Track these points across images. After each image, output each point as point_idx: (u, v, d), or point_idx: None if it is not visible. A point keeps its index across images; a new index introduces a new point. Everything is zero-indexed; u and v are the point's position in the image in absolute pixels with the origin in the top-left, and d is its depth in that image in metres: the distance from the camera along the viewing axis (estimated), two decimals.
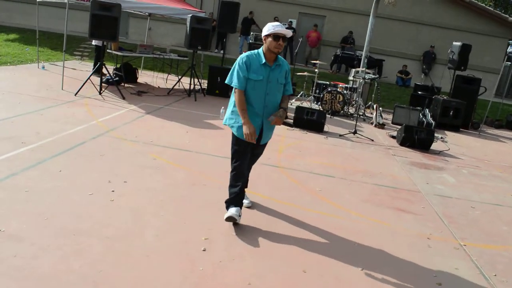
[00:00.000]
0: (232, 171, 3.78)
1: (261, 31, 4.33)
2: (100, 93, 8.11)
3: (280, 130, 7.40)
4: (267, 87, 3.64)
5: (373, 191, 5.27)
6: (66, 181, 4.11)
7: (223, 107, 8.01)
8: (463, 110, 10.51)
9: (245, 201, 4.07)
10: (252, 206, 4.22)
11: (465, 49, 10.38)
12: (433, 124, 10.04)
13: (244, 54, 3.67)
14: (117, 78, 9.24)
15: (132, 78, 10.13)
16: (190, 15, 9.02)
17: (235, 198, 3.76)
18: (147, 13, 10.92)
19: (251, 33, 10.43)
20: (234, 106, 3.69)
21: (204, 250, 3.27)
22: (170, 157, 5.29)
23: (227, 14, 9.78)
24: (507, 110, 14.14)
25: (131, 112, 7.29)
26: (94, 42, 9.96)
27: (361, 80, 10.36)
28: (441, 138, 9.20)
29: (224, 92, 10.09)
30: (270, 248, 3.48)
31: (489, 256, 4.01)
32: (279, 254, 3.40)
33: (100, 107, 7.26)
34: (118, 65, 9.74)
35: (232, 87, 3.70)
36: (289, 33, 3.62)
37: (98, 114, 6.77)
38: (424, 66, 16.72)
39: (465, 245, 4.16)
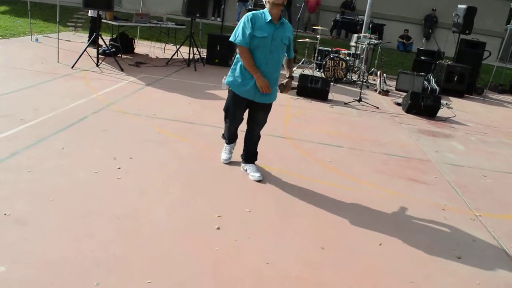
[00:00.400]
0: (225, 123, 4.20)
1: None
2: (97, 65, 7.85)
3: (283, 99, 7.21)
4: (271, 44, 3.71)
5: (383, 161, 5.15)
6: (69, 159, 3.96)
7: (224, 76, 7.77)
8: (468, 75, 10.29)
9: (255, 174, 4.09)
10: (263, 179, 4.10)
11: (470, 12, 10.07)
12: (438, 90, 9.87)
13: (249, 13, 3.72)
14: (113, 49, 8.95)
15: (130, 49, 9.83)
16: None
17: (228, 141, 4.32)
18: None
19: None
20: (234, 64, 3.86)
21: (218, 229, 3.16)
22: (175, 130, 5.13)
23: None
24: (511, 75, 13.92)
25: (130, 84, 7.07)
26: (90, 13, 9.57)
27: (364, 46, 10.09)
28: (446, 104, 9.02)
29: (224, 60, 9.82)
30: (284, 224, 3.38)
31: (506, 226, 3.93)
32: (295, 230, 3.30)
33: (98, 80, 7.03)
34: (114, 36, 9.43)
35: (232, 55, 3.61)
36: None
37: (97, 87, 6.55)
38: (430, 30, 16.31)
39: (480, 215, 4.07)
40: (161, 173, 3.94)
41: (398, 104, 8.46)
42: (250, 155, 4.24)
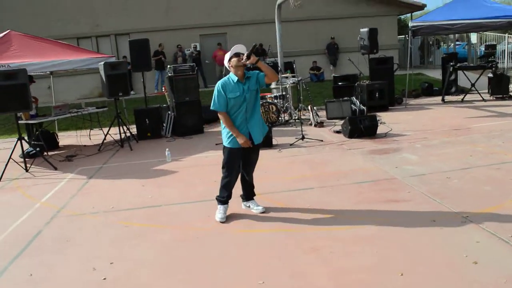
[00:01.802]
0: (223, 179, 4.50)
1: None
2: (27, 170, 7.22)
3: None
4: (245, 97, 4.26)
5: (356, 191, 5.17)
6: (44, 285, 3.47)
7: (167, 149, 7.53)
8: (386, 90, 10.96)
9: (259, 208, 4.69)
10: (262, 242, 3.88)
11: (373, 33, 10.87)
12: (365, 109, 10.33)
13: (218, 82, 4.31)
14: (38, 149, 8.32)
15: (54, 144, 9.23)
16: (101, 62, 8.41)
17: (224, 200, 4.54)
18: (48, 72, 10.01)
19: (168, 66, 9.98)
20: (222, 126, 4.39)
21: None
22: (143, 219, 4.76)
23: (138, 53, 9.30)
24: (418, 79, 15.10)
25: (71, 181, 6.55)
26: None
27: (288, 85, 10.39)
28: (378, 120, 9.45)
29: (156, 132, 9.57)
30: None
31: (493, 219, 4.06)
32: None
33: (35, 186, 6.43)
34: (36, 135, 8.81)
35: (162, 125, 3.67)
36: (242, 47, 4.30)
37: (37, 195, 5.97)
38: (335, 57, 17.31)
39: (467, 216, 4.17)
40: (153, 271, 3.58)
41: (337, 132, 8.69)
42: (249, 193, 4.76)
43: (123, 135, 8.87)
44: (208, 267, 3.55)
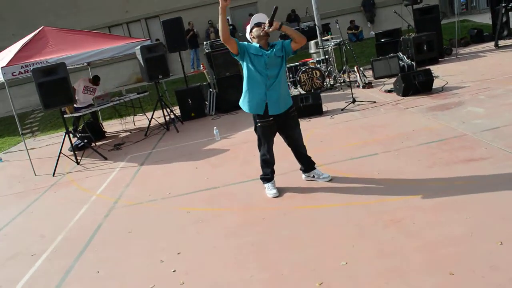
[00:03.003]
0: (261, 156, 4.31)
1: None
2: (78, 163, 7.21)
3: None
4: (267, 60, 3.91)
5: (427, 152, 4.74)
6: (113, 282, 3.34)
7: (215, 127, 7.30)
8: (435, 41, 10.22)
9: (325, 175, 4.45)
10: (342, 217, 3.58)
11: None
12: (414, 64, 9.70)
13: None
14: (86, 141, 8.32)
15: (101, 135, 9.22)
16: (138, 47, 8.21)
17: (269, 177, 4.36)
18: (85, 63, 9.96)
19: (204, 42, 9.66)
20: (245, 87, 4.05)
21: None
22: (203, 203, 4.57)
23: (172, 33, 9.02)
24: (465, 27, 14.09)
25: (123, 170, 6.47)
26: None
27: (330, 48, 9.88)
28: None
29: (200, 112, 9.37)
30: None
31: None
32: (402, 271, 2.79)
33: (88, 179, 6.39)
34: (81, 127, 8.82)
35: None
36: (262, 16, 4.01)
37: (92, 187, 5.92)
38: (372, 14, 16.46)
39: None
40: (224, 259, 3.36)
41: (389, 91, 8.18)
42: (308, 163, 4.48)
43: (167, 118, 8.72)
44: (282, 251, 3.30)
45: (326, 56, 9.94)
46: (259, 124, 4.13)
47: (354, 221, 3.53)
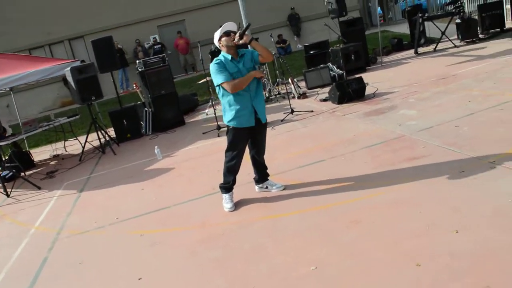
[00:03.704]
0: (227, 162, 4.24)
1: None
2: (8, 196, 6.66)
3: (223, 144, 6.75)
4: (243, 75, 3.97)
5: (371, 155, 4.93)
6: None
7: (156, 146, 7.10)
8: (361, 51, 10.75)
9: (278, 184, 4.52)
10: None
11: None
12: (344, 73, 10.11)
13: (215, 60, 3.97)
14: (14, 171, 7.73)
15: (29, 163, 8.61)
16: (67, 68, 7.82)
17: (229, 186, 4.31)
18: (7, 88, 9.30)
19: (138, 61, 9.41)
20: (228, 106, 4.08)
21: None
22: (156, 225, 4.39)
23: (103, 53, 8.71)
24: (386, 36, 14.99)
25: (62, 198, 6.07)
26: None
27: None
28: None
29: (136, 132, 9.07)
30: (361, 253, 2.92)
31: None
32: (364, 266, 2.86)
33: (22, 211, 5.91)
34: (7, 156, 8.19)
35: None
36: (232, 25, 4.05)
37: (29, 219, 5.48)
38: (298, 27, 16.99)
39: (494, 161, 4.01)
40: (193, 279, 3.23)
41: (324, 100, 8.45)
42: (264, 174, 4.56)
43: (102, 140, 8.35)
44: (248, 264, 3.24)
45: (261, 70, 10.07)
46: (236, 131, 4.15)
47: (315, 226, 3.57)
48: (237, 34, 3.92)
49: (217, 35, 4.05)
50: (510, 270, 2.49)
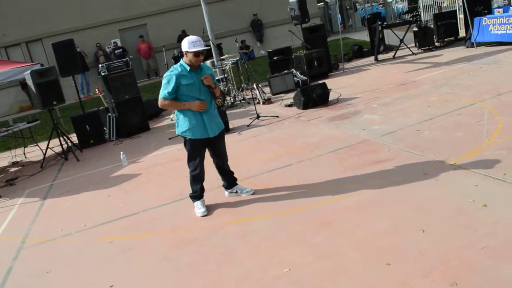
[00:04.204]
0: (191, 172, 4.25)
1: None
2: None
3: None
4: (199, 87, 4.07)
5: (338, 159, 5.07)
6: None
7: (122, 152, 7.00)
8: (324, 57, 10.99)
9: (247, 189, 4.56)
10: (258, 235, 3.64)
11: (303, 2, 10.78)
12: (307, 79, 10.31)
13: (172, 68, 4.05)
14: None
15: None
16: (27, 72, 7.59)
17: (197, 194, 4.35)
18: None
19: (100, 65, 9.23)
20: (182, 117, 4.12)
21: None
22: (126, 231, 4.34)
23: (64, 56, 8.50)
24: (346, 43, 15.36)
25: (24, 206, 5.88)
26: None
27: (228, 67, 10.09)
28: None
29: (98, 138, 8.89)
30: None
31: (479, 162, 4.13)
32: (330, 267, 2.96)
33: None
34: None
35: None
36: (201, 43, 4.01)
37: None
38: (260, 33, 17.16)
39: (454, 163, 4.22)
40: (166, 284, 3.23)
41: (289, 105, 8.59)
42: (231, 179, 4.58)
43: (64, 146, 8.14)
44: (222, 268, 3.27)
45: (226, 75, 10.13)
46: (192, 142, 4.16)
47: (286, 229, 3.64)
48: (212, 84, 4.08)
49: (185, 44, 3.98)
50: (476, 266, 2.64)
